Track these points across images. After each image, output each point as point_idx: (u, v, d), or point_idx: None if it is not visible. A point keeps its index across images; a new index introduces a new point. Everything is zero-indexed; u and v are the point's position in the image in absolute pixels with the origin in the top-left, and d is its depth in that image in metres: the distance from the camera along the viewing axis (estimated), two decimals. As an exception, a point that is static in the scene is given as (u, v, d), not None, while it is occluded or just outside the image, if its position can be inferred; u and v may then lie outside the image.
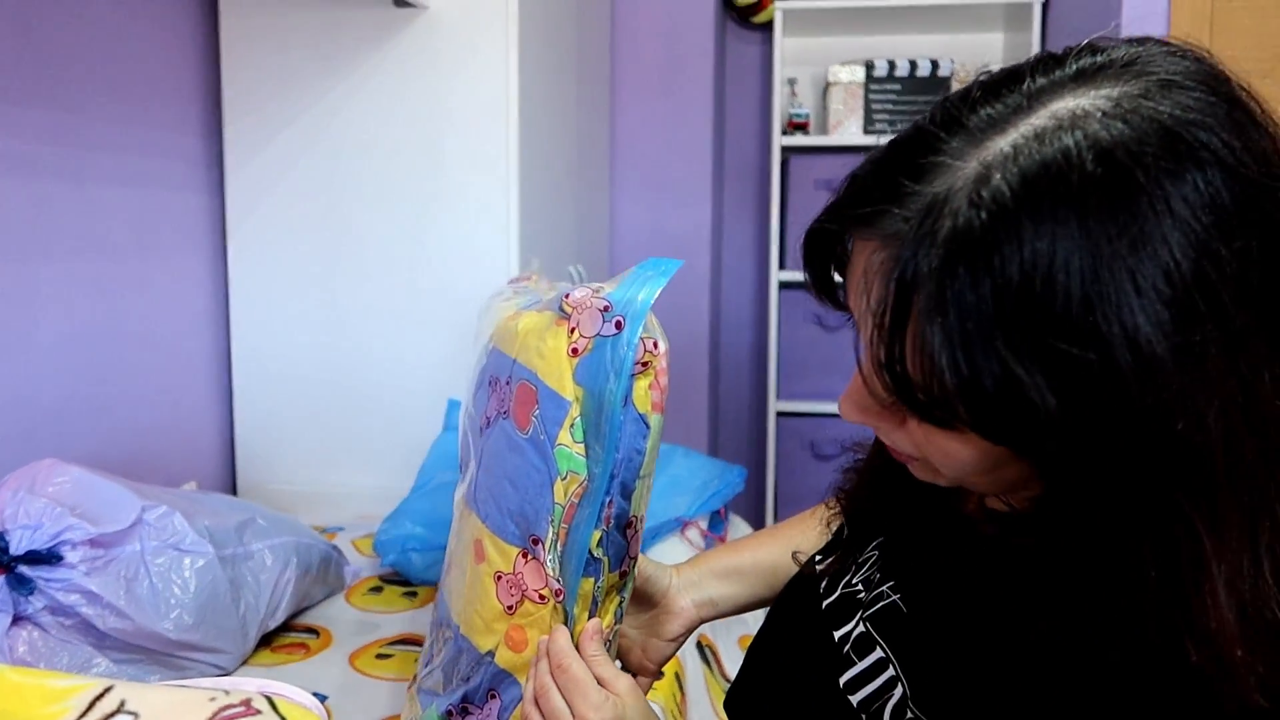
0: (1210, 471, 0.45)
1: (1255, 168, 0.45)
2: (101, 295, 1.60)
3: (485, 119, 1.75)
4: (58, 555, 0.95)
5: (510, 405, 0.79)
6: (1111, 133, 0.45)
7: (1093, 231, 0.43)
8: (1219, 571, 0.46)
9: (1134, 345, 0.44)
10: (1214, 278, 0.44)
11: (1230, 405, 0.45)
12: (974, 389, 0.46)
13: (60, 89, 1.50)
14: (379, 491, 1.80)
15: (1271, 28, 1.80)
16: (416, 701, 0.90)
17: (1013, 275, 0.44)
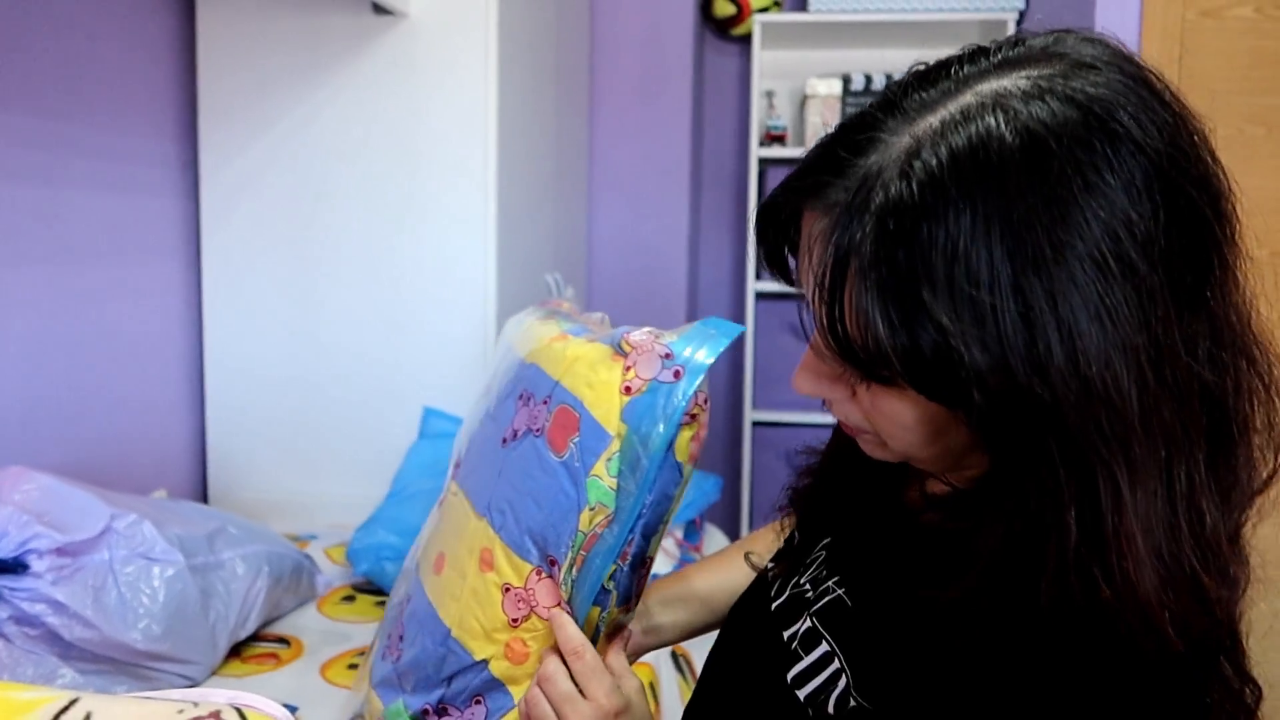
0: (1126, 423, 0.48)
1: (1161, 141, 0.49)
2: (73, 301, 1.58)
3: (464, 127, 1.74)
4: (24, 564, 0.93)
5: (546, 425, 0.80)
6: (1031, 109, 0.49)
7: (1012, 199, 0.47)
8: (1136, 519, 0.48)
9: (1052, 302, 0.47)
10: (1126, 242, 0.48)
11: (1143, 361, 0.48)
12: (906, 345, 0.50)
13: (33, 92, 1.48)
14: (352, 500, 1.78)
15: (1240, 46, 1.83)
16: (377, 697, 0.89)
17: (939, 238, 0.48)
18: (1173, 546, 0.49)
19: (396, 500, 1.65)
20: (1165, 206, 0.49)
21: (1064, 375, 0.48)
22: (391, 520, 1.54)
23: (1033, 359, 0.48)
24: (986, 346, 0.48)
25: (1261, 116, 1.84)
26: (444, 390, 1.80)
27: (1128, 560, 0.48)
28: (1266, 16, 1.82)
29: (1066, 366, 0.48)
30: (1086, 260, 0.47)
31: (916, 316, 0.49)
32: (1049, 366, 0.48)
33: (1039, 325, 0.47)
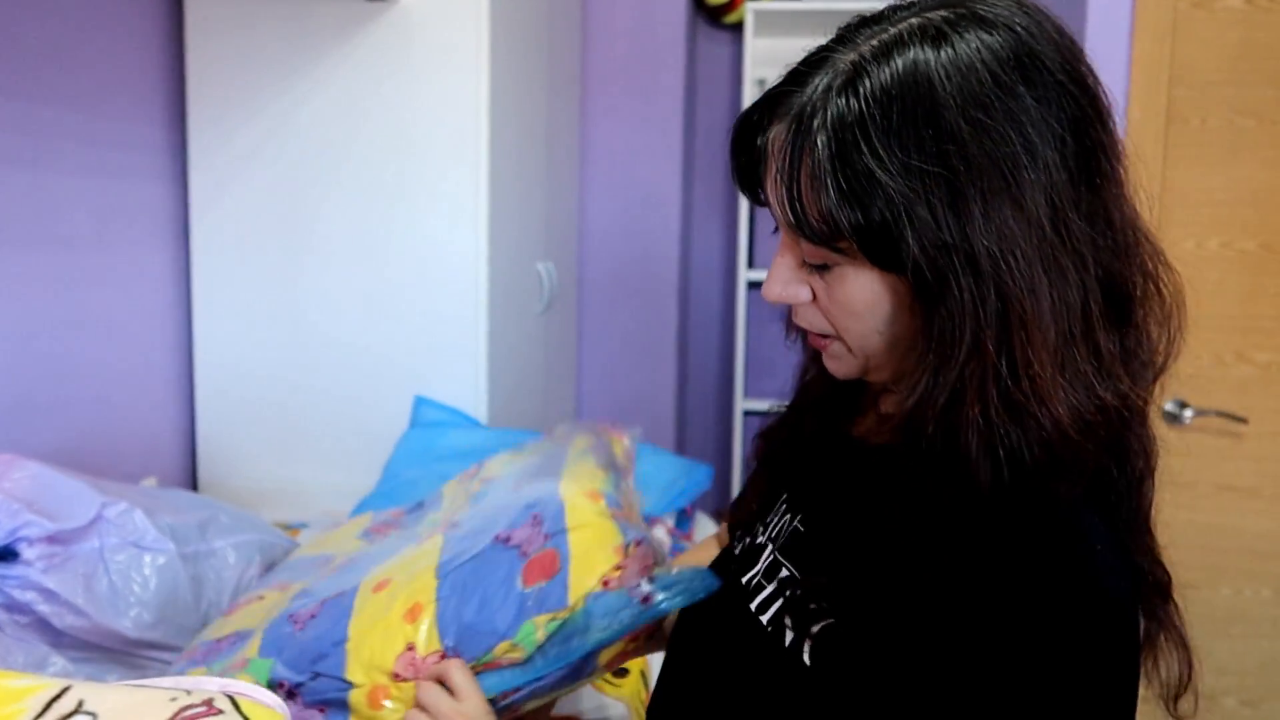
0: (1033, 270, 0.57)
1: (1062, 61, 0.60)
2: (61, 287, 1.57)
3: (455, 114, 1.74)
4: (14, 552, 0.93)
5: (531, 556, 0.86)
6: (959, 31, 0.60)
7: (943, 86, 0.57)
8: (1047, 354, 0.57)
9: (976, 174, 0.57)
10: (1037, 137, 0.58)
11: (1045, 222, 0.58)
12: (851, 201, 0.59)
13: (19, 76, 1.47)
14: (343, 487, 1.78)
15: (1232, 36, 1.84)
16: (258, 644, 0.92)
17: (875, 112, 0.58)
18: (1075, 372, 0.59)
19: (388, 488, 1.66)
20: (1070, 114, 0.59)
21: (983, 233, 0.57)
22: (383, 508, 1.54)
23: (958, 210, 0.57)
24: (922, 210, 0.57)
25: (1252, 108, 1.85)
26: (435, 378, 1.79)
27: (1041, 383, 0.57)
28: (1257, 7, 1.83)
29: (986, 227, 0.57)
30: (1004, 147, 0.57)
31: (865, 186, 0.58)
32: (971, 227, 0.57)
33: (960, 184, 0.57)
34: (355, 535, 1.33)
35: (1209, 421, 1.90)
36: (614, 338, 2.65)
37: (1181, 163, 1.87)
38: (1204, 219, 1.88)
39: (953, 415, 0.59)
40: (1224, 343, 1.90)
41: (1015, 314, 0.57)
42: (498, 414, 1.86)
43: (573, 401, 2.62)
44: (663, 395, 2.65)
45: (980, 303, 0.58)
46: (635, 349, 2.65)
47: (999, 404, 0.58)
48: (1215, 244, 1.88)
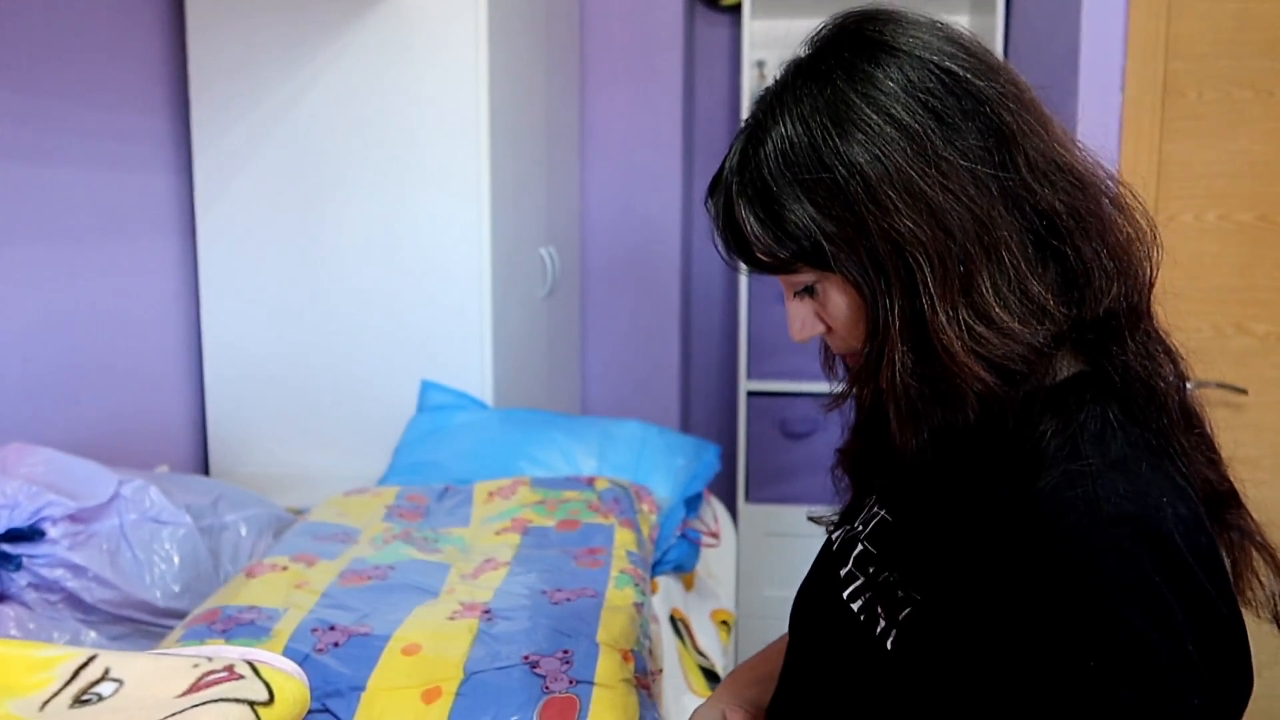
0: (931, 234, 0.64)
1: (924, 48, 0.67)
2: (69, 279, 1.59)
3: (455, 101, 1.75)
4: (39, 531, 0.95)
5: (553, 693, 0.93)
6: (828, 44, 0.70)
7: (805, 110, 0.67)
8: (945, 302, 0.64)
9: (857, 172, 0.64)
10: (906, 109, 0.65)
11: (933, 187, 0.64)
12: (777, 233, 0.68)
13: (23, 69, 1.48)
14: (352, 473, 1.80)
15: (1226, 10, 1.84)
16: (286, 640, 0.96)
17: (769, 152, 0.67)
18: (971, 320, 0.64)
19: (397, 473, 1.67)
20: (945, 88, 0.65)
21: (879, 226, 0.64)
22: (393, 490, 1.56)
23: (853, 209, 0.64)
24: (823, 211, 0.65)
25: (1249, 80, 1.85)
26: (441, 363, 1.81)
27: (937, 327, 0.64)
28: (1254, -21, 1.83)
29: (881, 221, 0.64)
30: (883, 145, 0.64)
31: (775, 208, 0.67)
32: (866, 225, 0.64)
33: (855, 207, 0.64)
34: (380, 515, 1.35)
35: (1209, 393, 1.91)
36: (617, 320, 2.67)
37: (1179, 136, 1.88)
38: (1202, 192, 1.89)
39: (877, 385, 0.68)
40: (1223, 314, 1.91)
41: (916, 278, 0.65)
42: (503, 398, 1.88)
43: (577, 384, 2.64)
44: (667, 377, 2.67)
45: (889, 277, 0.66)
46: (639, 331, 2.66)
47: (911, 369, 0.66)
48: (1213, 216, 1.89)
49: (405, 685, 0.92)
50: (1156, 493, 0.61)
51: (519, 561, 1.23)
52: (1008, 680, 0.60)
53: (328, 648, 0.96)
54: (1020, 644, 0.59)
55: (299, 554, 1.17)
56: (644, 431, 1.72)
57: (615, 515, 1.41)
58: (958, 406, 0.66)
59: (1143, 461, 0.63)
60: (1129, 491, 0.60)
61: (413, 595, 1.10)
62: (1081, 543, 0.59)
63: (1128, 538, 0.58)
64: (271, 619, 1.00)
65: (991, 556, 0.62)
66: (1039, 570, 0.59)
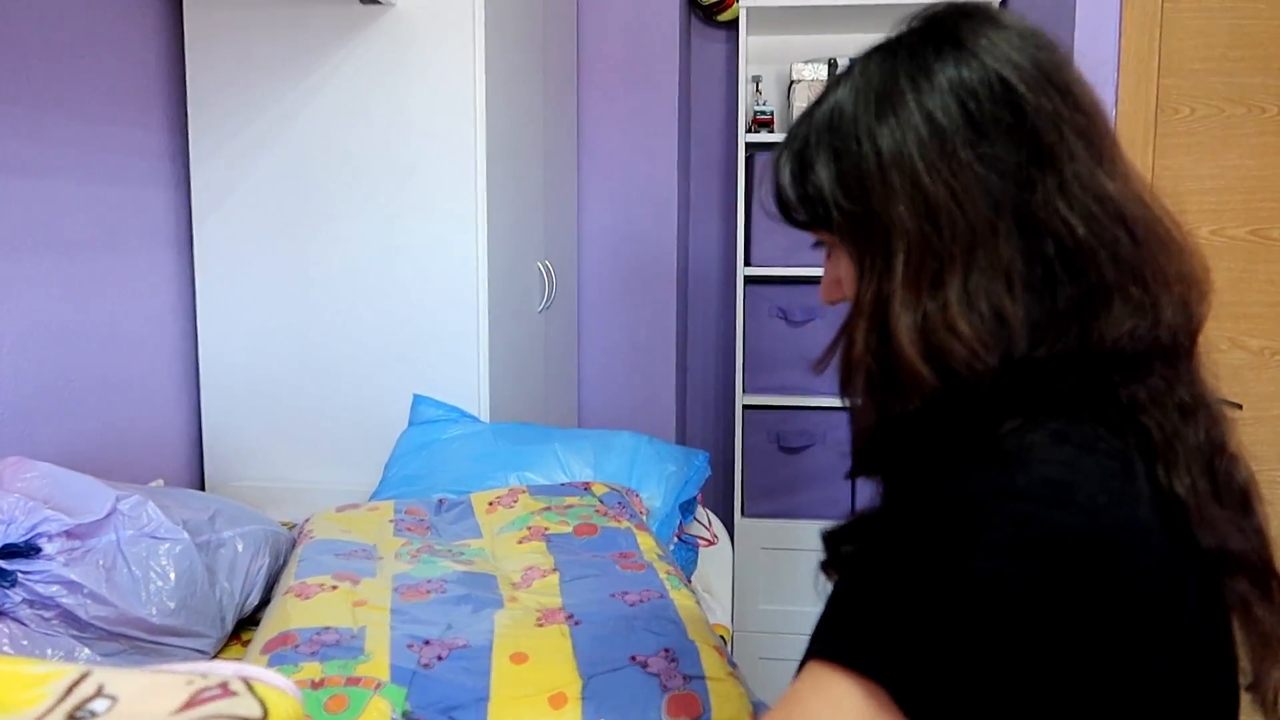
0: (910, 226, 0.66)
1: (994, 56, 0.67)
2: (66, 291, 1.59)
3: (452, 116, 1.76)
4: (35, 547, 0.95)
5: (673, 691, 0.96)
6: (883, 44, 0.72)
7: (863, 86, 0.69)
8: (906, 293, 0.66)
9: (875, 150, 0.67)
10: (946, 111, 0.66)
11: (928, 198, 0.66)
12: (801, 188, 0.72)
13: (22, 84, 1.49)
14: (348, 487, 1.80)
15: (1218, 26, 1.86)
16: (388, 658, 0.97)
17: (822, 114, 0.71)
18: (929, 318, 0.65)
19: (389, 486, 1.67)
20: (991, 95, 0.66)
21: (880, 204, 0.67)
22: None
23: (864, 185, 0.67)
24: (837, 179, 0.69)
25: (1241, 96, 1.86)
26: (437, 377, 1.81)
27: (893, 312, 0.66)
28: (1245, -3, 1.84)
29: (885, 199, 0.66)
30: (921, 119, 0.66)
31: (807, 170, 0.71)
32: (871, 191, 0.67)
33: (864, 165, 0.67)
34: (389, 531, 1.35)
35: (1204, 407, 1.92)
36: (614, 335, 2.67)
37: (1171, 151, 1.89)
38: (1195, 207, 1.90)
39: (840, 362, 0.72)
40: (1216, 329, 1.92)
41: (893, 264, 0.67)
42: (499, 411, 1.88)
43: (574, 399, 2.64)
44: (663, 392, 2.67)
45: (873, 256, 0.68)
46: (635, 346, 2.67)
47: (873, 351, 0.68)
48: (1206, 231, 1.90)
49: (529, 693, 0.93)
50: (1089, 484, 0.59)
51: (564, 567, 1.23)
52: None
53: (432, 662, 0.97)
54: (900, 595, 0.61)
55: (337, 573, 1.16)
56: (635, 441, 1.72)
57: (626, 519, 1.43)
58: (903, 395, 0.67)
59: (1102, 466, 0.60)
60: (1056, 476, 0.59)
61: (482, 606, 1.11)
62: (976, 513, 0.59)
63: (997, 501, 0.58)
64: (356, 638, 1.00)
65: (911, 524, 0.63)
66: (941, 541, 0.60)
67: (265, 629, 1.05)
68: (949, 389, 0.65)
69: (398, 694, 0.92)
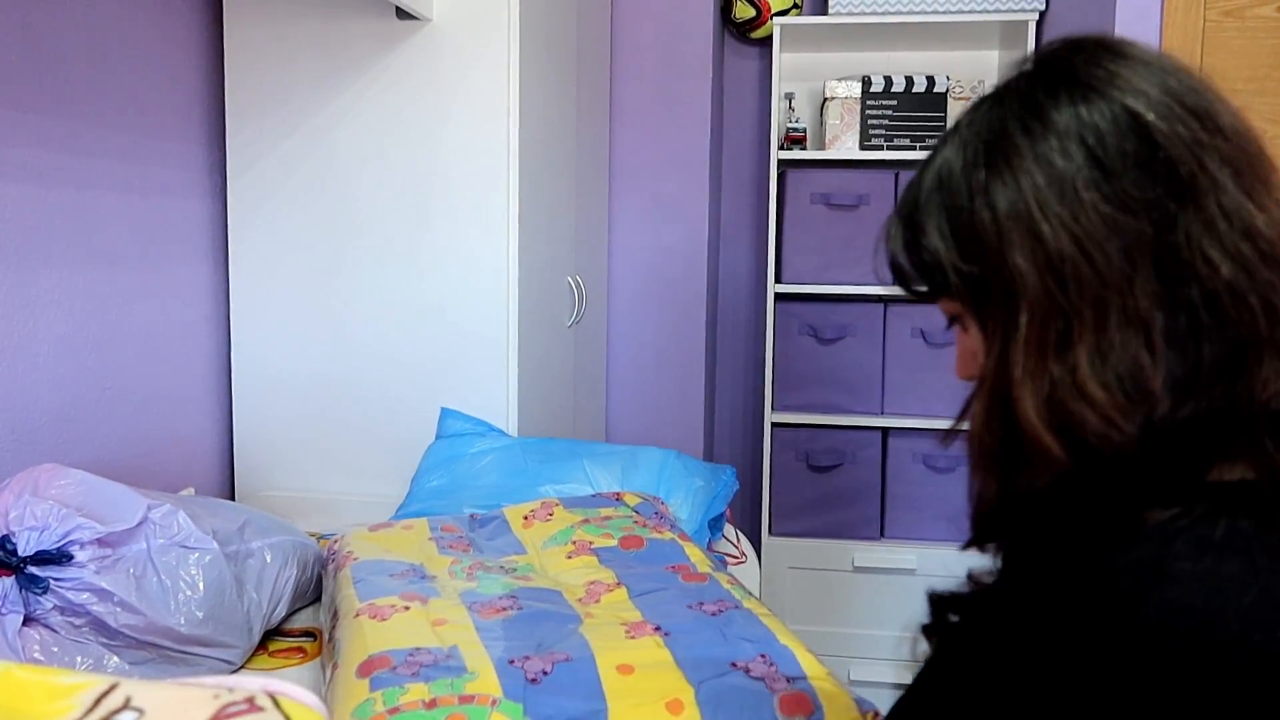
0: (1037, 295, 0.60)
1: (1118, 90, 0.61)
2: (103, 301, 1.61)
3: (486, 130, 1.77)
4: (67, 555, 0.95)
5: (781, 692, 0.97)
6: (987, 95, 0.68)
7: (974, 139, 0.65)
8: (1026, 359, 0.61)
9: (988, 206, 0.62)
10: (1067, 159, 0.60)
11: (1050, 251, 0.60)
12: (916, 255, 0.67)
13: (64, 96, 1.51)
14: (376, 498, 1.81)
15: (1261, 46, 1.83)
16: (495, 676, 0.98)
17: (931, 176, 0.66)
18: (1057, 386, 0.59)
19: (416, 499, 1.68)
20: (1117, 129, 0.60)
21: (1001, 262, 0.61)
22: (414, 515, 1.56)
23: (978, 246, 0.63)
24: (953, 242, 0.64)
25: (1284, 117, 1.83)
26: (467, 390, 1.82)
27: (1015, 387, 0.61)
28: (1289, 16, 1.81)
29: (1000, 255, 0.61)
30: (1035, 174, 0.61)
31: (919, 237, 0.66)
32: (987, 254, 0.62)
33: (980, 226, 0.62)
34: (434, 550, 1.34)
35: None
36: (643, 350, 2.67)
37: (1213, 172, 1.86)
38: (1237, 229, 1.86)
39: (967, 437, 0.67)
40: (1258, 353, 1.88)
41: (1014, 324, 0.62)
42: (528, 425, 1.88)
43: (602, 414, 2.64)
44: (691, 408, 2.66)
45: (994, 321, 0.63)
46: (664, 362, 2.66)
47: (990, 421, 0.64)
48: (1248, 254, 1.86)
49: (645, 702, 0.94)
50: (1232, 597, 0.52)
51: (628, 581, 1.23)
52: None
53: (539, 676, 0.97)
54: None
55: (404, 594, 1.16)
56: (663, 456, 1.71)
57: (667, 529, 1.42)
58: (1032, 471, 0.61)
59: (1239, 568, 0.53)
60: (1199, 604, 0.52)
61: (562, 621, 1.11)
62: (1094, 632, 0.54)
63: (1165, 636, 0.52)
64: (451, 657, 1.00)
65: (1033, 609, 0.58)
66: (1054, 644, 0.56)
67: (348, 652, 1.04)
68: (1083, 463, 0.59)
69: (515, 709, 0.92)
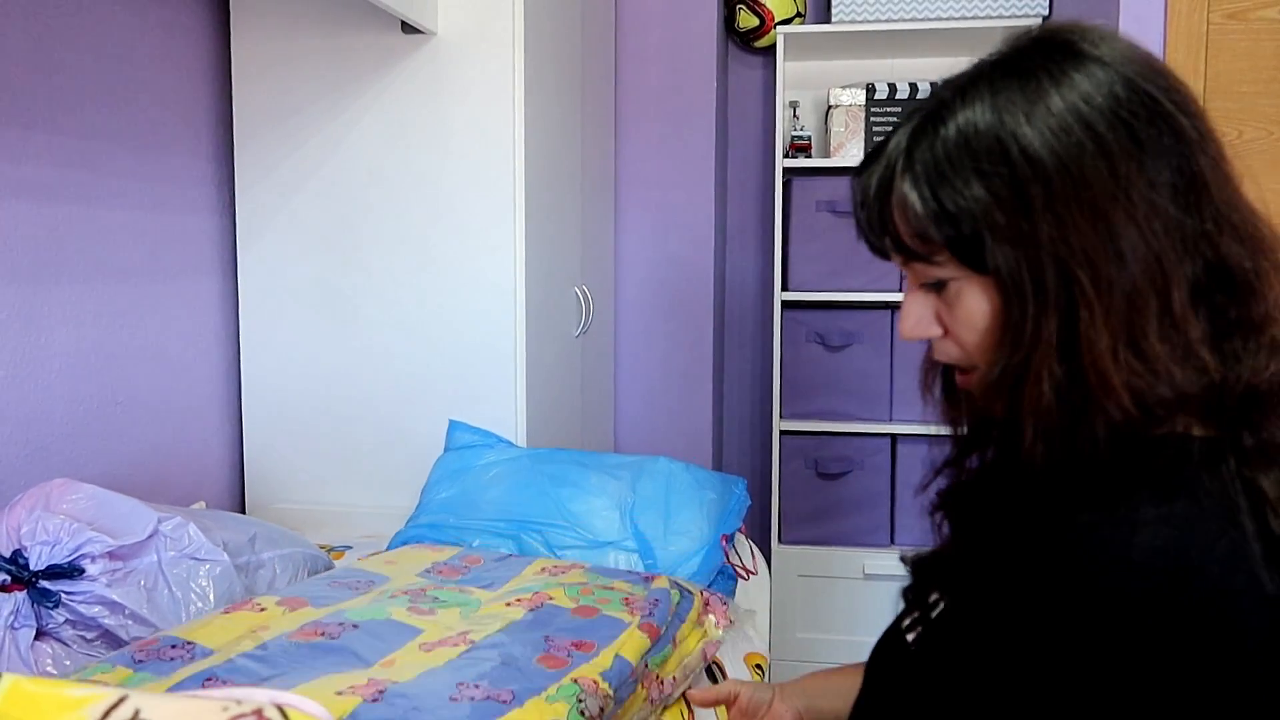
0: (1096, 258, 0.62)
1: (1123, 64, 0.64)
2: (113, 317, 1.62)
3: (491, 143, 1.77)
4: (79, 568, 0.96)
5: None
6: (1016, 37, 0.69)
7: (998, 99, 0.65)
8: (1106, 323, 0.62)
9: (1041, 172, 0.62)
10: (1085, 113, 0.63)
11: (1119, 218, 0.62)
12: (939, 211, 0.65)
13: (74, 114, 1.53)
14: (385, 510, 1.81)
15: (1265, 49, 1.83)
16: None
17: (951, 133, 0.65)
18: (1142, 354, 0.62)
19: (426, 511, 1.68)
20: (1144, 112, 0.63)
21: (1052, 235, 0.62)
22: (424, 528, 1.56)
23: (1022, 204, 0.63)
24: (994, 200, 0.63)
25: (1290, 118, 1.83)
26: (475, 402, 1.82)
27: (1102, 364, 0.61)
28: (1294, 18, 1.81)
29: (1056, 230, 0.62)
30: (1057, 132, 0.62)
31: (943, 189, 0.65)
32: (1039, 231, 0.62)
33: (1033, 204, 0.62)
34: (418, 570, 1.30)
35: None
36: (651, 360, 2.67)
37: (1219, 175, 1.85)
38: (1244, 231, 1.86)
39: (1017, 397, 0.65)
40: (1268, 356, 1.87)
41: (1077, 297, 0.62)
42: (536, 436, 1.88)
43: (610, 424, 2.64)
44: (700, 417, 2.66)
45: (1045, 289, 0.63)
46: (672, 371, 2.66)
47: (1059, 386, 0.63)
48: (1256, 256, 1.86)
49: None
50: (1202, 551, 0.58)
51: (488, 643, 1.05)
52: (1010, 693, 0.62)
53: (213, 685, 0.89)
54: (1021, 666, 0.61)
55: (287, 597, 1.08)
56: (671, 467, 1.71)
57: (642, 615, 1.22)
58: (1087, 432, 0.63)
59: (1212, 524, 0.59)
60: (1170, 544, 0.58)
61: (345, 659, 0.98)
62: (1093, 582, 0.59)
63: (1145, 587, 0.57)
64: (196, 656, 0.93)
65: (1019, 575, 0.63)
66: (1053, 601, 0.60)
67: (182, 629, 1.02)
68: (1144, 422, 0.62)
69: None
